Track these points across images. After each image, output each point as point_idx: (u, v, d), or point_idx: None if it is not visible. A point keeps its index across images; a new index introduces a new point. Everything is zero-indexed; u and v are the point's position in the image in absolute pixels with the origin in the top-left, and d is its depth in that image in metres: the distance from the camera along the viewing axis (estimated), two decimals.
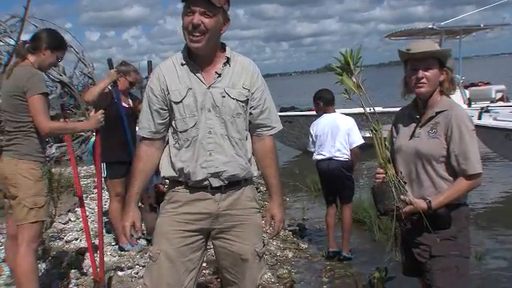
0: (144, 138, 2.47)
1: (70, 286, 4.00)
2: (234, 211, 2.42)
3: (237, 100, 2.36)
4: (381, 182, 2.45)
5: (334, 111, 5.16)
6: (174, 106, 2.36)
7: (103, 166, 4.56)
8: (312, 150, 5.15)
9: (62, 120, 3.65)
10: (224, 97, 2.34)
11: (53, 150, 10.27)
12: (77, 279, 4.08)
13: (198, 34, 2.25)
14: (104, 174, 4.60)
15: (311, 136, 5.11)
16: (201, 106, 2.33)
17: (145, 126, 2.45)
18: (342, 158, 4.92)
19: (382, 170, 2.44)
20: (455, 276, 2.43)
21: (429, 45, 2.53)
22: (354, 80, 2.42)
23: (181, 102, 2.35)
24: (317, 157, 5.06)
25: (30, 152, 3.22)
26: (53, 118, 3.52)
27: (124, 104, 4.72)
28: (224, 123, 2.35)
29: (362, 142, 4.89)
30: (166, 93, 2.37)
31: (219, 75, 2.36)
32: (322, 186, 5.34)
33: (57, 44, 3.42)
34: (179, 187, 2.43)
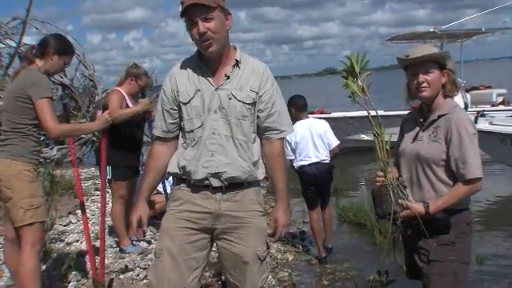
0: (157, 138, 2.55)
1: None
2: (236, 213, 2.43)
3: (243, 102, 2.38)
4: (380, 185, 2.45)
5: (307, 117, 5.24)
6: (182, 106, 2.42)
7: (108, 168, 4.54)
8: (291, 158, 5.14)
9: (68, 121, 3.68)
10: (230, 99, 2.36)
11: (54, 152, 10.26)
12: (77, 281, 4.08)
13: (207, 40, 2.30)
14: (109, 176, 4.58)
15: (289, 144, 5.07)
16: (208, 107, 2.37)
17: (158, 125, 2.54)
18: (327, 161, 5.09)
19: (381, 174, 2.45)
20: (452, 281, 2.42)
21: (426, 49, 2.52)
22: (360, 84, 2.44)
23: (188, 102, 2.39)
24: (301, 163, 5.06)
25: (23, 153, 3.22)
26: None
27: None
28: (229, 125, 2.37)
29: (338, 142, 5.18)
30: (176, 94, 2.42)
31: (228, 77, 2.39)
32: (305, 191, 5.23)
33: (64, 49, 3.47)
34: (182, 185, 2.48)
